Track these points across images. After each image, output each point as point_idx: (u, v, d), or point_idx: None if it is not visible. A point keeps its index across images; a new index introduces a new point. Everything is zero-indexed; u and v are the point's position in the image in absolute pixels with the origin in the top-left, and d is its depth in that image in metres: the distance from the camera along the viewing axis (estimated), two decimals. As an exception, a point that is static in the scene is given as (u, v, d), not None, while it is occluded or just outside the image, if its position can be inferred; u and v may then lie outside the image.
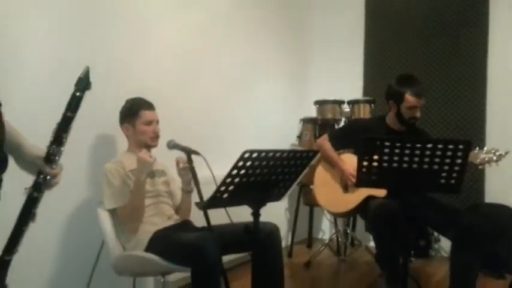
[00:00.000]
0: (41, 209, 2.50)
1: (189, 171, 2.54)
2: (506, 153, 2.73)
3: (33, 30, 2.51)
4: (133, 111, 2.62)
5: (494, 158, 2.73)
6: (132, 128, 2.62)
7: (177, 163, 2.57)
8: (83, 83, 1.58)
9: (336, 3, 5.07)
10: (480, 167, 2.78)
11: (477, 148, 2.80)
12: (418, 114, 3.01)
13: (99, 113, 2.80)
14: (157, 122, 2.66)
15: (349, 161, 3.10)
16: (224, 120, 3.93)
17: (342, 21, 5.02)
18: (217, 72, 3.84)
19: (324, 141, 3.30)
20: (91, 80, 1.57)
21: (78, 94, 1.58)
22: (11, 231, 1.53)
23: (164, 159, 2.70)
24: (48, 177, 1.56)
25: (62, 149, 1.56)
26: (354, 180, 3.03)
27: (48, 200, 2.55)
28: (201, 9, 3.67)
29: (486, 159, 2.74)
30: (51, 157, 1.55)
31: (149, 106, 2.65)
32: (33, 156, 1.59)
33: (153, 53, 3.23)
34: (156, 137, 2.64)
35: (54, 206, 2.60)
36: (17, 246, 1.55)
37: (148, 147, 2.64)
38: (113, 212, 2.51)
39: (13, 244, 1.55)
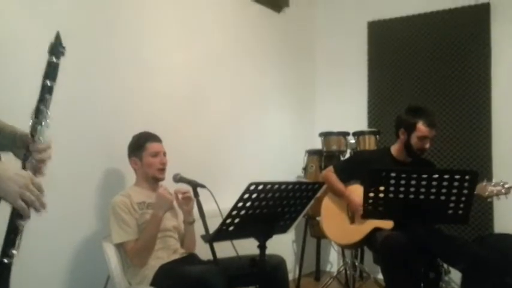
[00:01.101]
0: (47, 242, 2.52)
1: (188, 202, 2.55)
2: None
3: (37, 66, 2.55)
4: (140, 144, 2.65)
5: (503, 190, 2.70)
6: (140, 161, 2.64)
7: (176, 195, 2.58)
8: (57, 48, 1.47)
9: (339, 35, 5.14)
10: (489, 199, 2.75)
11: (485, 180, 2.77)
12: (427, 146, 2.99)
13: (107, 147, 2.84)
14: (165, 153, 2.69)
15: (357, 191, 3.08)
16: (230, 152, 3.94)
17: (345, 53, 5.08)
18: (222, 105, 3.88)
19: (329, 173, 3.29)
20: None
21: (54, 60, 1.46)
22: (6, 229, 1.35)
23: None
24: (36, 152, 1.42)
25: (48, 121, 1.44)
26: (361, 211, 3.01)
27: (55, 233, 2.56)
28: (207, 41, 3.74)
29: (495, 191, 2.71)
30: (35, 132, 1.43)
31: (155, 138, 2.68)
32: (16, 133, 1.50)
33: (160, 86, 3.28)
34: (163, 168, 2.65)
35: (60, 240, 2.60)
36: (14, 246, 1.36)
37: (156, 180, 2.65)
38: (119, 247, 2.50)
39: (10, 243, 1.35)
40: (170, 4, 3.38)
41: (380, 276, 3.68)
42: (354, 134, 4.35)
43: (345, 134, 4.34)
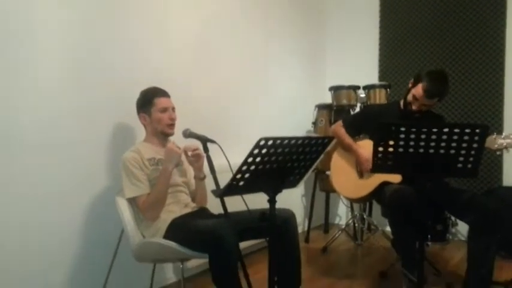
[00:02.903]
0: (61, 199, 2.57)
1: (198, 159, 2.57)
2: None
3: (47, 21, 2.53)
4: (148, 99, 2.64)
5: None
6: (149, 117, 2.64)
7: (185, 152, 2.60)
8: None
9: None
10: (498, 152, 2.75)
11: (495, 133, 2.76)
12: (414, 107, 2.96)
13: (117, 104, 2.84)
14: (173, 109, 2.68)
15: (366, 146, 3.08)
16: (239, 108, 3.94)
17: (357, 7, 4.98)
18: (232, 60, 3.85)
19: (339, 128, 3.29)
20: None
21: None
22: None
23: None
24: None
25: None
26: (368, 166, 3.02)
27: (68, 190, 2.62)
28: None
29: (504, 144, 2.70)
30: None
31: (163, 93, 2.67)
32: None
33: (170, 44, 3.25)
34: (172, 124, 2.66)
35: (73, 197, 2.66)
36: None
37: (166, 135, 2.67)
38: (131, 201, 2.55)
39: None
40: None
41: (388, 228, 3.74)
42: (365, 87, 4.31)
43: (355, 88, 4.30)
